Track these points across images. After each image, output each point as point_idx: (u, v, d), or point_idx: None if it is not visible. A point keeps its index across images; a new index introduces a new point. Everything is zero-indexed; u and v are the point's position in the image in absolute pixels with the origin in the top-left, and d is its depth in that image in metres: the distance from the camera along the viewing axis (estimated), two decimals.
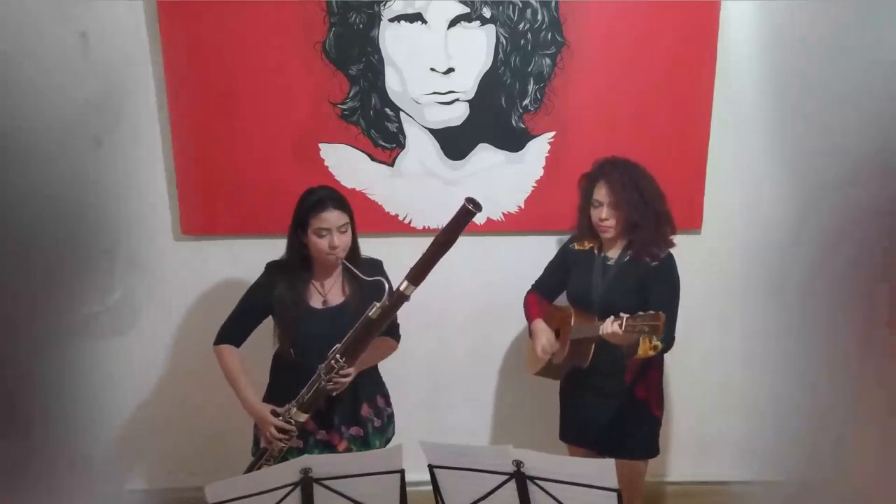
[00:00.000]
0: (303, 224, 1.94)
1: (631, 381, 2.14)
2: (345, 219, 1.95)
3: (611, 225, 2.08)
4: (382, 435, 2.16)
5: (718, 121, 2.51)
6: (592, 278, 2.16)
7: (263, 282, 2.05)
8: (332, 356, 1.90)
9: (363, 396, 2.10)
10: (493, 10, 2.42)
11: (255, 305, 2.06)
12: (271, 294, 2.02)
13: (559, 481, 1.59)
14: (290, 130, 2.52)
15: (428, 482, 1.73)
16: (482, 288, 2.69)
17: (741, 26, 2.41)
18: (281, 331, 2.05)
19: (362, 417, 2.10)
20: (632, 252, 2.11)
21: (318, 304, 2.03)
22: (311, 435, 2.05)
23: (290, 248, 2.01)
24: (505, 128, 2.54)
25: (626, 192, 2.05)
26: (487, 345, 2.78)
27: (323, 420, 2.04)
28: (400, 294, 1.86)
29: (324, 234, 1.92)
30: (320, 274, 2.04)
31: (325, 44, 2.45)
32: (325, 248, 1.92)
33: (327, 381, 1.90)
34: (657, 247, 2.07)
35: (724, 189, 2.57)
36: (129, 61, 2.45)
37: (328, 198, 1.94)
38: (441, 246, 1.85)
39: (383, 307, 1.86)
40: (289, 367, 2.03)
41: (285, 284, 2.01)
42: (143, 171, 2.54)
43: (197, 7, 2.41)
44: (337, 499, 1.65)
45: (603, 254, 2.18)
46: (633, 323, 1.84)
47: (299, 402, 1.93)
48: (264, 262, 2.08)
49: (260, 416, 1.98)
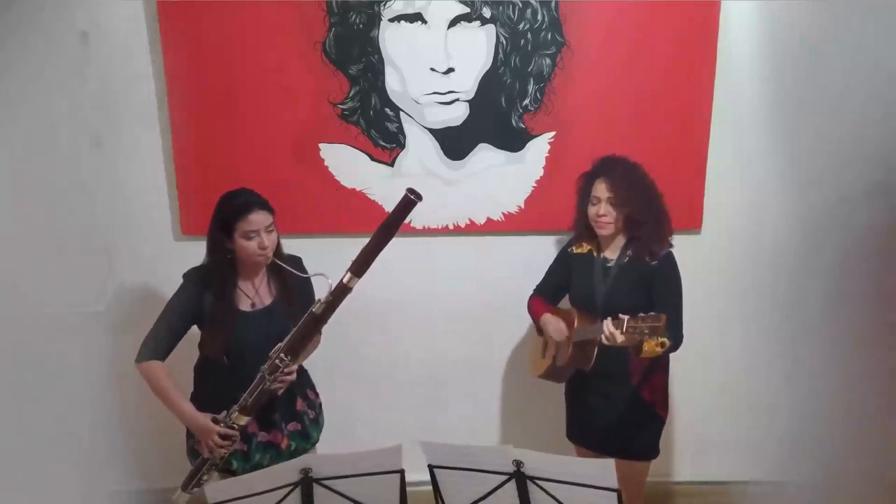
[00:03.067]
0: (227, 229, 1.93)
1: (636, 384, 2.13)
2: (270, 219, 1.95)
3: (608, 221, 2.07)
4: (317, 425, 2.19)
5: (718, 121, 2.51)
6: (594, 281, 2.15)
7: (186, 291, 2.01)
8: (275, 356, 1.90)
9: (297, 392, 2.11)
10: (493, 10, 2.42)
11: (181, 316, 2.00)
12: (197, 303, 1.98)
13: (559, 481, 1.59)
14: (290, 130, 2.52)
15: (428, 482, 1.73)
16: (482, 288, 2.70)
17: (741, 26, 2.41)
18: (210, 338, 2.02)
19: (298, 412, 2.12)
20: (632, 251, 2.10)
21: (247, 307, 2.02)
22: (253, 437, 2.05)
23: (213, 254, 1.99)
24: (505, 128, 2.54)
25: (628, 189, 2.04)
26: (487, 345, 2.78)
27: (264, 420, 2.04)
28: (343, 286, 1.85)
29: (252, 236, 1.92)
30: (246, 276, 2.03)
31: (325, 44, 2.45)
32: (255, 249, 1.92)
33: (272, 381, 1.90)
34: (657, 245, 2.07)
35: (724, 189, 2.57)
36: (129, 61, 2.46)
37: (253, 201, 1.94)
38: (382, 236, 1.86)
39: (327, 302, 1.85)
40: (217, 373, 2.02)
41: (212, 291, 1.98)
42: (143, 171, 2.54)
43: (197, 7, 2.40)
44: (337, 499, 1.66)
45: (602, 255, 2.17)
46: (634, 325, 1.84)
47: (242, 406, 1.92)
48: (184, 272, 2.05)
49: (200, 426, 1.95)
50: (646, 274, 2.07)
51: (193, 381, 2.12)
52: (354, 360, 2.74)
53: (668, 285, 2.07)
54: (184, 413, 1.97)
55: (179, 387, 2.01)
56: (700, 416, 2.81)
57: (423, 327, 2.73)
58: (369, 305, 2.64)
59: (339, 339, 2.53)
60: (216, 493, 1.61)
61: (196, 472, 2.00)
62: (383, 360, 2.74)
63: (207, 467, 1.98)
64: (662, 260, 2.07)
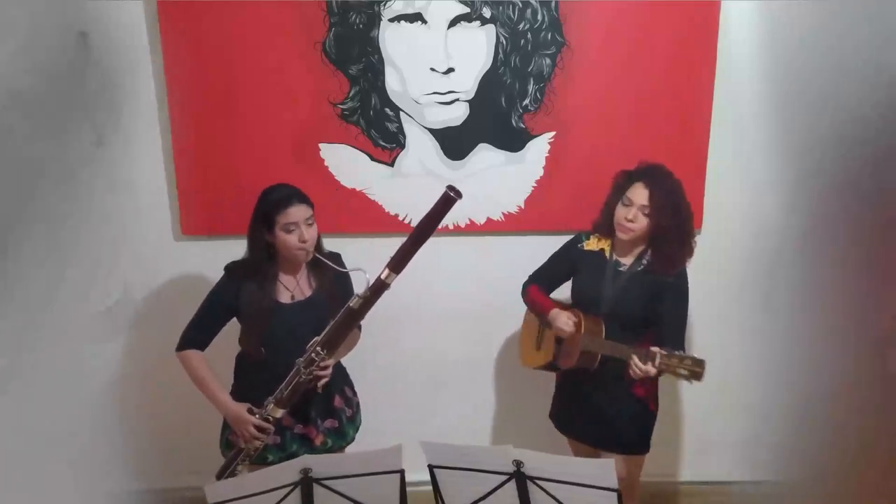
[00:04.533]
0: (268, 222, 1.95)
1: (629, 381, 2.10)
2: (310, 212, 1.97)
3: (634, 228, 2.03)
4: (353, 424, 2.20)
5: (718, 121, 2.51)
6: (602, 283, 2.12)
7: (227, 283, 2.03)
8: (311, 349, 1.90)
9: (335, 388, 2.12)
10: (493, 10, 2.42)
11: (220, 307, 2.04)
12: (236, 295, 2.01)
13: (559, 481, 1.59)
14: (290, 130, 2.53)
15: (428, 482, 1.73)
16: (482, 288, 2.70)
17: (741, 26, 2.41)
18: (248, 330, 2.04)
19: (336, 409, 2.12)
20: (648, 262, 2.07)
21: (286, 300, 2.03)
22: (288, 430, 2.06)
23: (253, 247, 2.01)
24: (505, 128, 2.54)
25: (666, 204, 2.01)
26: (487, 344, 2.78)
27: (299, 414, 2.05)
28: (381, 282, 1.86)
29: (292, 228, 1.93)
30: (286, 270, 2.05)
31: (325, 44, 2.45)
32: (295, 242, 1.93)
33: (307, 375, 1.91)
34: (679, 263, 2.05)
35: (724, 189, 2.57)
36: (129, 61, 2.45)
37: (292, 194, 1.95)
38: (422, 233, 1.86)
39: (365, 297, 1.86)
40: (255, 366, 2.04)
41: (252, 283, 2.00)
42: (143, 171, 2.54)
43: (197, 7, 2.41)
44: (337, 499, 1.66)
45: (615, 258, 2.14)
46: (669, 363, 1.83)
47: (277, 398, 1.93)
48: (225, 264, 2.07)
49: (236, 416, 1.97)
50: (658, 286, 2.05)
51: (234, 374, 2.14)
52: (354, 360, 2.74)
53: (680, 301, 2.06)
54: (220, 402, 1.99)
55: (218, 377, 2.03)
56: (700, 416, 2.81)
57: (423, 327, 2.73)
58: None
59: None
60: (216, 492, 1.61)
61: (230, 463, 2.00)
62: (383, 359, 2.74)
63: (241, 458, 1.98)
64: (677, 277, 2.05)
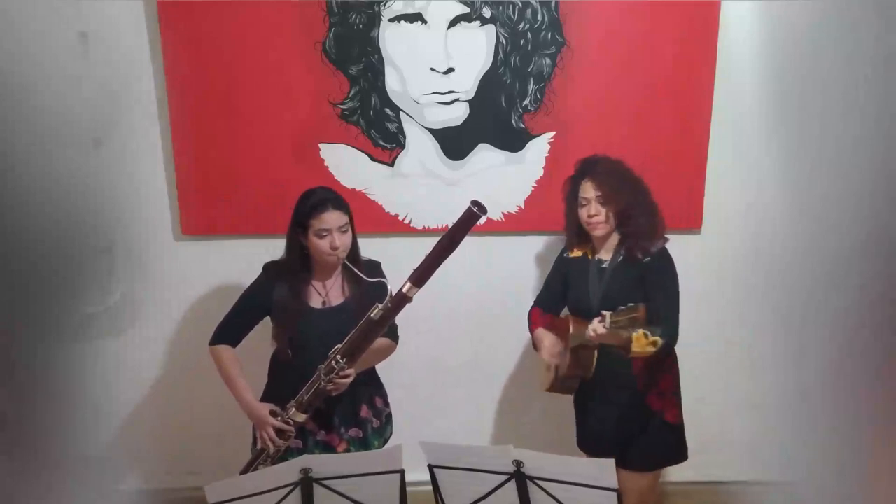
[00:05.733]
0: (303, 225, 1.95)
1: (642, 390, 2.08)
2: (345, 219, 1.95)
3: (601, 220, 2.04)
4: (381, 436, 2.17)
5: (718, 121, 2.51)
6: (589, 284, 2.12)
7: (262, 282, 2.05)
8: (332, 357, 1.90)
9: (362, 397, 2.10)
10: (493, 10, 2.42)
11: (253, 305, 2.05)
12: (270, 294, 2.02)
13: (559, 481, 1.59)
14: (290, 130, 2.52)
15: (428, 482, 1.73)
16: (482, 288, 2.69)
17: (741, 26, 2.41)
18: (279, 331, 2.04)
19: (361, 418, 2.10)
20: (626, 248, 2.07)
21: (317, 305, 2.03)
22: (311, 435, 2.05)
23: (289, 249, 2.01)
24: (505, 128, 2.54)
25: (615, 185, 2.02)
26: (488, 344, 2.78)
27: (323, 421, 2.04)
28: (402, 296, 1.86)
29: (324, 234, 1.92)
30: (320, 274, 2.05)
31: (325, 44, 2.45)
32: (326, 248, 1.93)
33: (327, 382, 1.90)
34: (649, 241, 2.04)
35: (724, 189, 2.57)
36: (129, 61, 2.45)
37: (328, 199, 1.94)
38: (445, 248, 1.86)
39: (385, 309, 1.86)
40: (287, 368, 2.03)
41: (285, 285, 2.01)
42: (143, 171, 2.54)
43: (197, 7, 2.40)
44: (337, 499, 1.65)
45: (596, 257, 2.14)
46: (616, 318, 1.82)
47: (298, 403, 1.93)
48: (264, 263, 2.09)
49: (258, 417, 1.97)
50: (640, 272, 2.04)
51: (268, 371, 2.14)
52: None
53: (661, 280, 2.03)
54: (244, 401, 2.00)
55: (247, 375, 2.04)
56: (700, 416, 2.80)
57: (423, 327, 2.72)
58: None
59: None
60: (216, 493, 1.61)
61: (253, 461, 2.00)
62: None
63: (263, 458, 1.98)
64: (655, 256, 2.04)
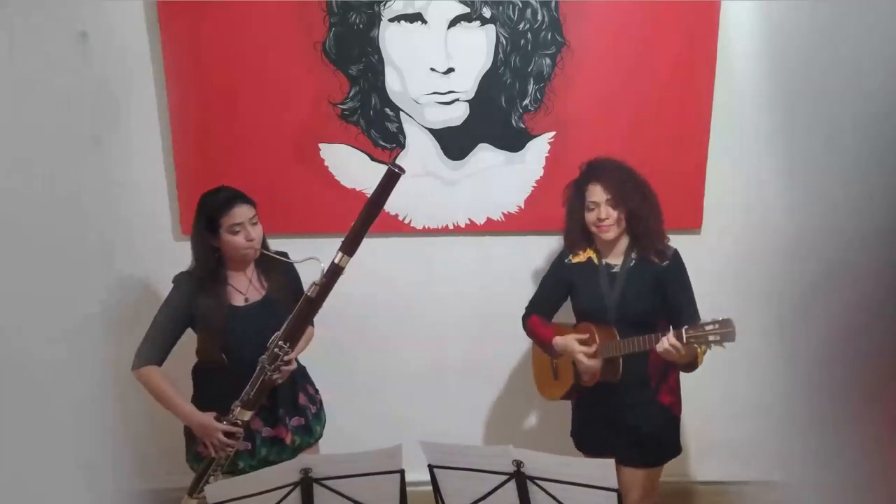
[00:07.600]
0: (213, 226, 1.94)
1: (655, 387, 2.08)
2: (253, 211, 1.97)
3: (611, 224, 2.00)
4: (319, 420, 2.19)
5: (718, 121, 2.51)
6: (601, 290, 2.07)
7: (178, 294, 1.99)
8: (274, 344, 1.90)
9: (298, 386, 2.12)
10: (493, 10, 2.42)
11: (174, 320, 1.99)
12: (188, 305, 1.98)
13: (559, 481, 1.59)
14: (290, 130, 2.52)
15: (428, 482, 1.73)
16: (482, 288, 2.69)
17: (741, 26, 2.41)
18: (206, 338, 2.02)
19: (301, 406, 2.13)
20: (637, 253, 2.05)
21: (240, 303, 2.02)
22: (257, 433, 2.05)
23: (199, 255, 1.98)
24: (505, 128, 2.54)
25: (624, 187, 2.00)
26: (487, 344, 2.77)
27: (267, 415, 2.05)
28: (336, 267, 1.86)
29: (237, 230, 1.93)
30: (235, 273, 2.04)
31: (325, 44, 2.45)
32: (242, 243, 1.94)
33: (273, 371, 1.90)
34: (660, 242, 2.03)
35: (724, 189, 2.57)
36: (129, 61, 2.45)
37: (236, 195, 1.96)
38: (370, 214, 1.87)
39: (321, 283, 1.86)
40: (216, 374, 2.02)
41: (203, 291, 1.98)
42: (143, 171, 2.54)
43: (197, 7, 2.41)
44: (337, 499, 1.66)
45: (604, 262, 2.10)
46: (697, 334, 1.76)
47: (244, 400, 1.92)
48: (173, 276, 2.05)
49: (204, 425, 1.94)
50: (657, 276, 2.02)
51: (193, 387, 2.10)
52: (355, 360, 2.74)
53: (684, 284, 2.03)
54: (186, 414, 1.96)
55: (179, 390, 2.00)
56: (700, 416, 2.80)
57: (422, 327, 2.73)
58: (369, 305, 2.64)
59: (340, 338, 2.54)
60: (216, 492, 1.61)
61: (202, 475, 1.98)
62: (383, 359, 2.74)
63: (213, 468, 1.97)
64: (672, 260, 2.03)
